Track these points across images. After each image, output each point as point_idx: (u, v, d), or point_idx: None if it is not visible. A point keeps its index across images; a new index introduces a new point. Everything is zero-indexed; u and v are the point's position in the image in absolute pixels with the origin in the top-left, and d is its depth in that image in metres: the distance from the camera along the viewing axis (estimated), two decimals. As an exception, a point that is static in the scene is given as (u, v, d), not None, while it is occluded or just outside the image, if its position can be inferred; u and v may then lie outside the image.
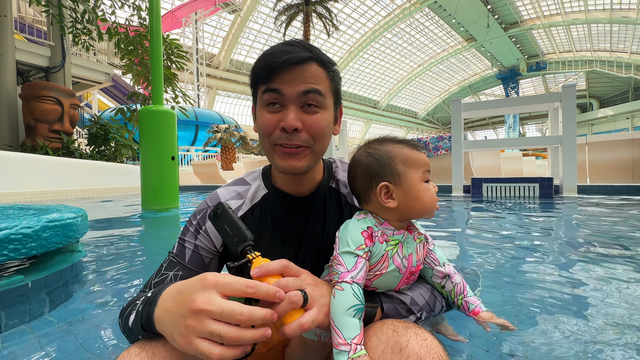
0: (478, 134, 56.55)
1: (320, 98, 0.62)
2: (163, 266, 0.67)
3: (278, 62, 0.59)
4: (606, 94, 38.85)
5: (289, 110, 0.61)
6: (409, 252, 0.61)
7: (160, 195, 3.88)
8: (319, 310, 0.50)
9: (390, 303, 0.60)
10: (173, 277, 0.65)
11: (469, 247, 1.97)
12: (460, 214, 3.56)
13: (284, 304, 0.47)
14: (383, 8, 32.77)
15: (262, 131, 0.64)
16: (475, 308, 0.64)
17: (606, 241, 1.94)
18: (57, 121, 7.18)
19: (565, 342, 0.79)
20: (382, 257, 0.59)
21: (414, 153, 0.62)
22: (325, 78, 0.64)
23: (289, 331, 0.47)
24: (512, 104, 6.35)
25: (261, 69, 0.61)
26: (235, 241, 0.58)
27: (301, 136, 0.61)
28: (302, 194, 0.72)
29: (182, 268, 0.67)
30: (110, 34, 7.27)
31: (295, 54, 0.60)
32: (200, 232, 0.69)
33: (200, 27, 27.04)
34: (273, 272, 0.52)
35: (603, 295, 1.09)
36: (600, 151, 6.37)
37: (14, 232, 0.94)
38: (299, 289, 0.50)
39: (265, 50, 0.65)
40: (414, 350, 0.46)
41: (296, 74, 0.60)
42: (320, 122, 0.62)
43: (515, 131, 40.70)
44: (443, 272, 0.66)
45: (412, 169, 0.61)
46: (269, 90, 0.61)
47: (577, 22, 31.16)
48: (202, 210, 0.72)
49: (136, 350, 0.47)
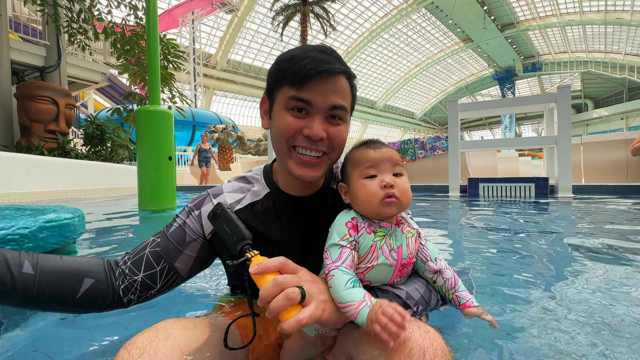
0: (475, 134, 56.80)
1: (344, 113, 0.65)
2: (153, 235, 0.71)
3: (315, 70, 0.59)
4: (601, 94, 39.17)
5: (314, 119, 0.62)
6: (398, 244, 0.63)
7: (157, 195, 3.86)
8: (317, 307, 0.51)
9: (386, 298, 0.60)
10: (151, 242, 0.69)
11: (464, 246, 1.98)
12: (456, 213, 3.58)
13: (281, 299, 0.48)
14: (380, 9, 32.84)
15: (283, 133, 0.63)
16: (466, 302, 0.65)
17: (600, 240, 1.96)
18: (53, 121, 7.12)
19: (560, 340, 0.80)
20: (370, 247, 0.60)
21: (360, 152, 0.66)
22: (349, 93, 0.66)
23: (287, 327, 0.47)
24: (508, 104, 6.39)
25: (294, 72, 0.60)
26: (234, 240, 0.59)
27: (324, 144, 0.64)
28: (304, 195, 0.72)
29: (163, 237, 0.69)
30: (107, 33, 7.23)
31: (332, 65, 0.60)
32: (191, 214, 0.72)
33: (197, 26, 26.93)
34: (271, 269, 0.53)
35: (598, 294, 1.10)
36: (595, 151, 6.43)
37: (10, 233, 0.93)
38: (296, 285, 0.51)
39: (293, 50, 0.64)
40: (417, 342, 0.47)
41: (328, 87, 0.61)
42: (342, 133, 0.65)
43: (511, 131, 40.96)
44: (434, 268, 0.67)
45: (354, 169, 0.66)
46: (298, 98, 0.61)
47: (572, 24, 31.41)
48: (200, 196, 0.75)
49: (137, 352, 0.47)
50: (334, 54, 0.63)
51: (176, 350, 0.48)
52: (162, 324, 0.53)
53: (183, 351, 0.49)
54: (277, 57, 0.66)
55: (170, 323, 0.53)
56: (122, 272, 0.65)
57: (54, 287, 0.57)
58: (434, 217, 3.20)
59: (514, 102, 6.13)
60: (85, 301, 0.60)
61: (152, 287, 0.66)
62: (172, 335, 0.50)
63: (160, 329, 0.51)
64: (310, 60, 0.59)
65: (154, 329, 0.51)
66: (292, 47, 0.68)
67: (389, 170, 0.64)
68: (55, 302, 0.58)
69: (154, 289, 0.67)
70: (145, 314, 1.00)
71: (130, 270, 0.65)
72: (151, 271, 0.66)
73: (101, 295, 0.61)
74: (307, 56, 0.60)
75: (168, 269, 0.67)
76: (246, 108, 37.37)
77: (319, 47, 0.64)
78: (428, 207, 3.91)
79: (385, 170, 0.64)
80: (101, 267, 0.64)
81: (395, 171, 0.64)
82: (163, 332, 0.50)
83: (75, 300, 0.59)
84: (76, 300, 0.59)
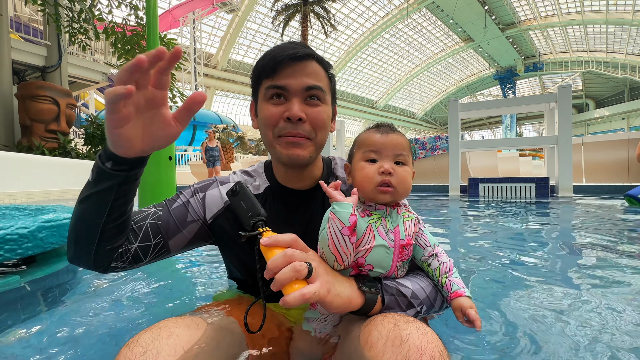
0: (475, 134, 56.74)
1: (321, 93, 0.67)
2: (154, 205, 0.72)
3: (283, 55, 0.63)
4: (602, 94, 39.09)
5: (293, 102, 0.65)
6: (394, 225, 0.63)
7: (158, 195, 3.86)
8: (322, 285, 0.51)
9: (391, 295, 0.60)
10: (152, 213, 0.69)
11: (463, 246, 1.98)
12: (456, 213, 3.57)
13: (288, 271, 0.48)
14: (381, 8, 32.80)
15: (266, 123, 0.67)
16: (458, 290, 0.62)
17: (601, 240, 1.95)
18: (54, 121, 7.13)
19: (562, 344, 0.80)
20: (366, 229, 0.61)
21: (366, 134, 0.67)
22: (325, 76, 0.69)
23: (290, 299, 0.47)
24: (509, 104, 6.39)
25: (266, 63, 0.65)
26: (249, 215, 0.61)
27: (305, 127, 0.65)
28: (302, 189, 0.74)
29: (165, 210, 0.70)
30: (107, 33, 7.24)
31: (298, 49, 0.64)
32: (195, 195, 0.73)
33: (197, 26, 26.92)
34: (282, 244, 0.54)
35: (599, 294, 1.10)
36: (596, 151, 6.41)
37: (9, 233, 0.94)
38: (304, 260, 0.51)
39: (266, 50, 0.69)
40: (415, 343, 0.46)
41: (299, 69, 0.65)
42: (321, 114, 0.67)
43: (512, 131, 40.90)
44: (432, 252, 0.67)
45: (358, 150, 0.67)
46: (274, 86, 0.65)
47: (574, 23, 31.33)
48: (207, 180, 0.77)
49: (140, 350, 0.46)
50: (301, 44, 0.67)
51: (179, 349, 0.48)
52: (164, 322, 0.53)
53: (185, 350, 0.49)
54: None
55: (172, 322, 0.53)
56: None
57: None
58: (434, 217, 3.20)
59: (514, 102, 6.13)
60: (105, 232, 0.59)
61: (142, 259, 0.67)
62: (174, 333, 0.50)
63: (162, 327, 0.51)
64: (278, 50, 0.65)
65: (156, 327, 0.51)
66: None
67: (391, 157, 0.63)
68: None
69: (142, 262, 0.68)
70: (146, 312, 1.00)
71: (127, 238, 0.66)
72: (146, 243, 0.67)
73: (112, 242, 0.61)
74: (276, 48, 0.66)
75: (162, 245, 0.69)
76: (247, 108, 37.16)
77: (290, 41, 0.68)
78: (428, 207, 3.91)
79: (387, 156, 0.63)
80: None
81: (398, 159, 0.64)
82: (166, 331, 0.50)
83: (101, 224, 0.58)
84: (102, 225, 0.58)
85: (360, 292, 0.57)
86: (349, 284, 0.57)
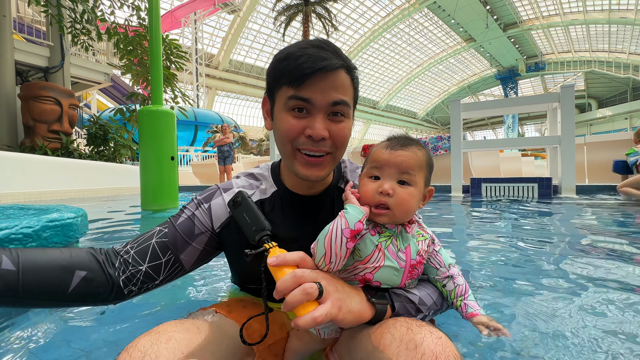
0: (477, 134, 56.60)
1: (346, 108, 0.62)
2: (159, 225, 0.70)
3: (313, 68, 0.57)
4: (605, 94, 38.92)
5: (316, 118, 0.60)
6: (405, 244, 0.60)
7: (160, 195, 3.87)
8: (333, 305, 0.50)
9: (400, 302, 0.60)
10: (157, 232, 0.67)
11: (465, 246, 1.97)
12: (459, 213, 3.56)
13: (298, 294, 0.47)
14: (382, 8, 32.78)
15: (285, 136, 0.62)
16: (474, 311, 0.63)
17: (603, 241, 1.94)
18: (56, 121, 7.16)
19: (566, 343, 0.80)
20: (375, 248, 0.58)
21: (376, 149, 0.64)
22: (350, 86, 0.64)
23: (302, 323, 0.46)
24: (511, 104, 6.36)
25: (291, 71, 0.59)
26: (253, 230, 0.59)
27: (326, 143, 0.62)
28: (311, 194, 0.72)
29: (170, 227, 0.68)
30: (110, 34, 7.26)
31: (329, 61, 0.58)
32: (200, 207, 0.70)
33: (199, 27, 27.00)
34: (290, 263, 0.53)
35: (602, 294, 1.09)
36: (598, 151, 6.39)
37: (14, 232, 0.94)
38: (314, 281, 0.50)
39: (288, 48, 0.62)
40: (430, 347, 0.46)
41: (327, 83, 0.59)
42: (344, 130, 0.63)
43: (514, 131, 40.74)
44: (447, 274, 0.65)
45: (366, 163, 0.65)
46: (298, 97, 0.59)
47: (576, 23, 31.21)
48: (209, 189, 0.74)
49: (138, 355, 0.46)
50: (330, 48, 0.61)
51: (178, 354, 0.47)
52: (163, 326, 0.52)
53: (185, 354, 0.48)
54: (274, 55, 0.65)
55: (171, 326, 0.53)
56: (125, 261, 0.63)
57: (42, 283, 0.53)
58: (436, 217, 3.19)
59: (516, 102, 6.10)
60: (79, 295, 0.56)
61: (155, 278, 0.65)
62: (173, 338, 0.50)
63: (161, 331, 0.50)
64: (306, 59, 0.58)
65: (155, 332, 0.50)
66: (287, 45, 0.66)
67: (395, 175, 0.59)
68: (47, 298, 0.54)
69: (157, 281, 0.65)
70: (146, 316, 1.00)
71: (134, 260, 0.63)
72: (156, 262, 0.65)
73: (96, 287, 0.58)
74: (303, 54, 0.58)
75: (174, 260, 0.66)
76: (248, 108, 37.44)
77: (315, 42, 0.62)
78: (429, 207, 3.90)
79: (390, 175, 0.60)
80: (92, 258, 0.60)
81: (402, 178, 0.59)
82: (164, 335, 0.49)
83: (67, 294, 0.55)
84: (68, 295, 0.55)
85: (370, 303, 0.56)
86: (359, 297, 0.56)
